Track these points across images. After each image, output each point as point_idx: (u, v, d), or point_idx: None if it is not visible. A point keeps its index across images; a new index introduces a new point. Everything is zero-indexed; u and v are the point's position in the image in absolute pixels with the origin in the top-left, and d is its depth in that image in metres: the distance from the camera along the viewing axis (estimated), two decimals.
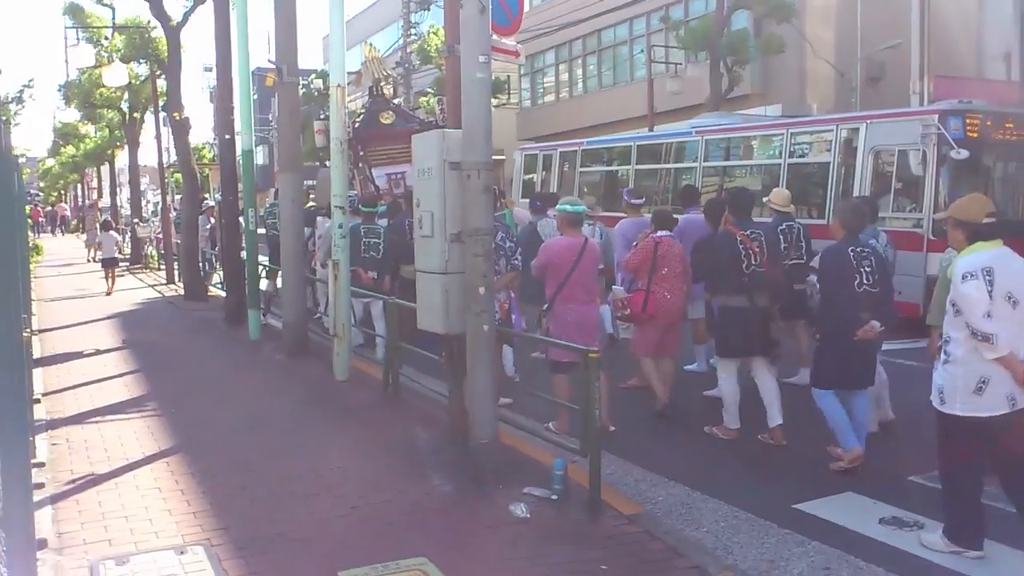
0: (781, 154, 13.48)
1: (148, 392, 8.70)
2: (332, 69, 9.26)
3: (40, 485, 5.50)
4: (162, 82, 20.76)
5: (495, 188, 7.71)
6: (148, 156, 32.81)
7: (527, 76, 34.06)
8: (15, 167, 6.01)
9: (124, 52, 21.27)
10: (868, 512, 5.18)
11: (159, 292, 18.15)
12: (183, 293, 16.80)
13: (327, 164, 10.64)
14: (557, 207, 7.19)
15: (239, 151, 12.42)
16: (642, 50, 27.22)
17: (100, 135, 33.38)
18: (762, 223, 7.76)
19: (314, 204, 13.57)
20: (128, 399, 8.37)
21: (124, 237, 29.21)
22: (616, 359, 7.87)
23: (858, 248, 5.95)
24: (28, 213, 22.61)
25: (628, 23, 28.41)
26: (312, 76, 33.78)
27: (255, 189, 12.21)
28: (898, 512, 5.12)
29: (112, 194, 34.94)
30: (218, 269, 18.24)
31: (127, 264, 25.00)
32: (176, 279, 19.01)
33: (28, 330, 6.67)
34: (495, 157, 6.00)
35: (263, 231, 13.46)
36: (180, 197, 22.26)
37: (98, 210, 32.95)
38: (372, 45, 17.32)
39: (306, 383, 8.99)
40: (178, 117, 17.08)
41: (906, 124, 11.46)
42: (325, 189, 12.46)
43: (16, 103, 23.77)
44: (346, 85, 9.29)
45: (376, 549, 4.56)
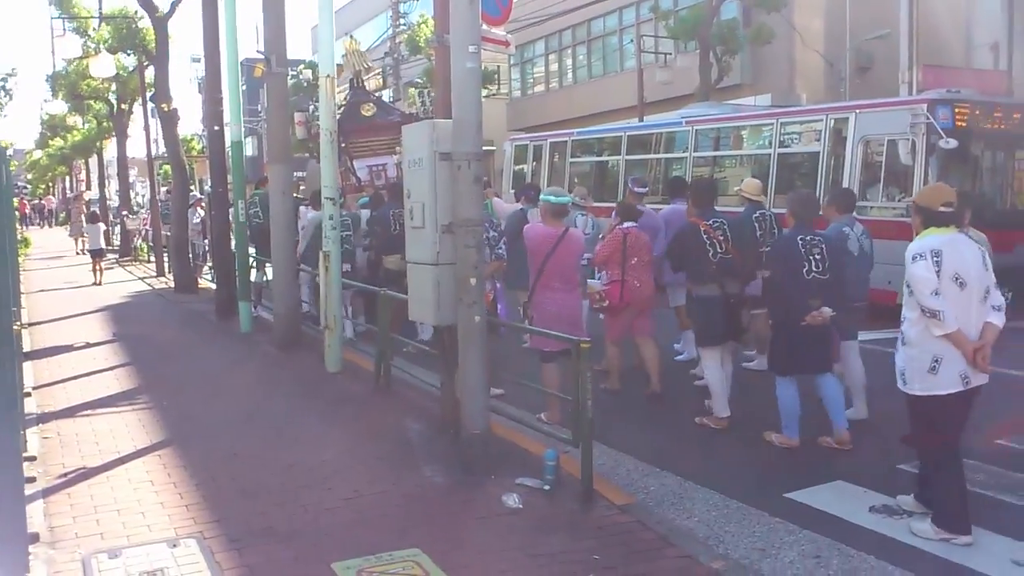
0: (771, 144, 13.50)
1: (139, 385, 8.68)
2: (321, 59, 9.23)
3: (32, 479, 5.49)
4: (150, 73, 20.62)
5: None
6: (137, 148, 32.68)
7: (517, 66, 33.98)
8: (2, 160, 5.97)
9: (111, 42, 21.09)
10: (858, 500, 5.22)
11: (149, 285, 18.09)
12: (173, 285, 16.75)
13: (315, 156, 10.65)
14: (541, 197, 7.31)
15: (228, 142, 12.37)
16: (632, 40, 27.18)
17: (88, 127, 33.13)
18: (734, 213, 7.91)
19: (299, 195, 13.54)
20: (119, 392, 8.35)
21: (113, 229, 29.09)
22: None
23: (808, 237, 6.13)
24: (16, 206, 22.51)
25: (618, 13, 28.36)
26: (301, 66, 33.66)
27: (245, 180, 12.15)
28: (888, 500, 5.16)
29: (101, 186, 34.73)
30: (204, 260, 18.25)
31: (116, 257, 24.90)
32: (166, 271, 18.95)
33: (18, 323, 6.63)
34: (485, 148, 5.98)
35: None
36: (165, 189, 22.20)
37: (84, 202, 32.75)
38: (353, 38, 17.34)
39: (298, 375, 8.99)
40: (166, 108, 16.98)
41: (895, 114, 11.49)
42: (315, 180, 12.49)
43: (2, 92, 23.60)
44: (342, 68, 9.27)
45: (369, 540, 4.57)
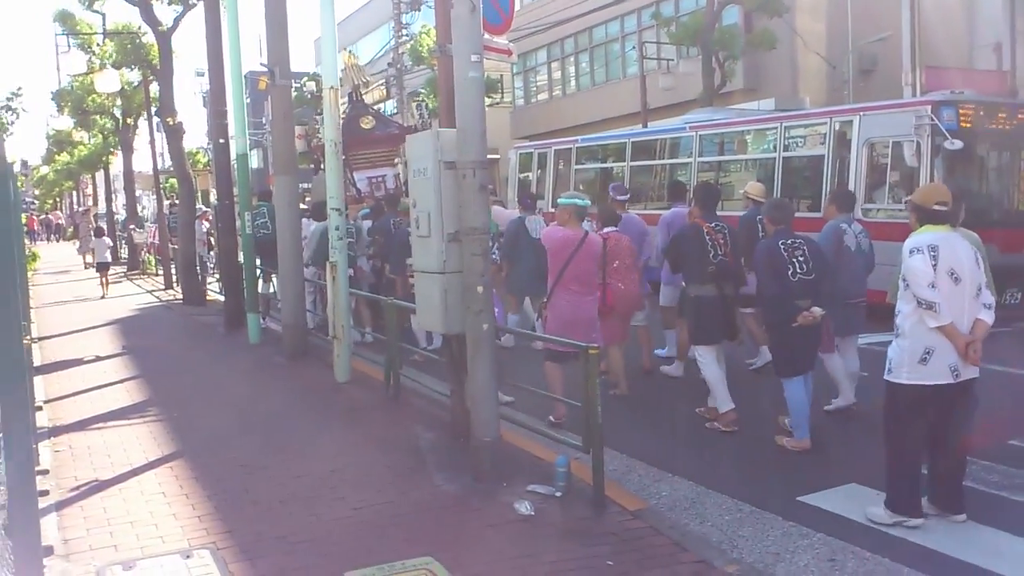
0: (775, 148, 13.51)
1: (149, 397, 8.70)
2: (325, 71, 9.26)
3: (45, 492, 5.50)
4: (154, 87, 20.72)
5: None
6: (143, 162, 32.79)
7: (520, 75, 34.07)
8: (11, 176, 6.00)
9: (116, 58, 21.19)
10: (872, 503, 5.18)
11: (157, 298, 18.14)
12: (181, 298, 16.80)
13: (323, 168, 10.72)
14: (561, 200, 7.38)
15: (233, 155, 12.42)
16: (633, 47, 27.25)
17: (94, 142, 33.25)
18: (734, 218, 8.11)
19: (304, 206, 13.64)
20: (129, 404, 8.37)
21: (120, 243, 29.18)
22: None
23: (789, 240, 6.33)
24: (24, 221, 22.58)
25: (619, 20, 28.43)
26: (304, 79, 33.75)
27: (251, 193, 12.20)
28: None
29: (107, 200, 34.84)
30: (213, 273, 18.32)
31: (125, 270, 24.97)
32: (174, 284, 19.00)
33: (28, 337, 6.66)
34: (489, 156, 6.01)
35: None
36: (169, 202, 22.28)
37: (93, 216, 32.91)
38: (351, 52, 17.58)
39: (307, 385, 9.00)
40: (172, 122, 17.06)
41: (899, 116, 11.49)
42: (320, 192, 12.59)
43: (7, 111, 23.70)
44: (341, 83, 9.30)
45: (381, 549, 4.57)
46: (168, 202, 22.12)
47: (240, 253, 12.54)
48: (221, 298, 14.43)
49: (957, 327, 4.64)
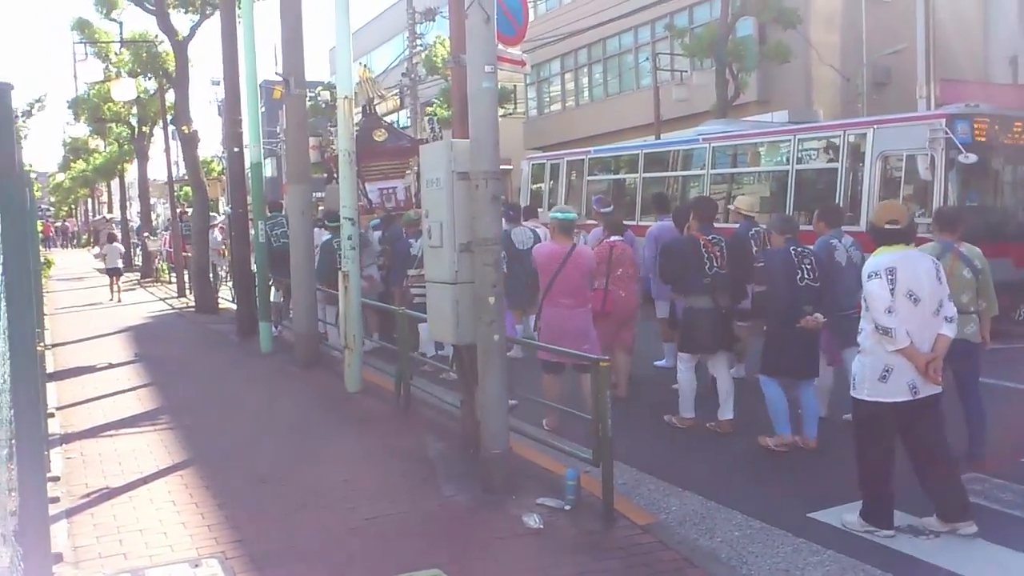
0: (789, 160, 13.47)
1: (161, 405, 8.73)
2: (339, 81, 9.30)
3: (55, 499, 5.53)
4: (170, 96, 20.88)
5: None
6: (157, 170, 33.00)
7: (533, 85, 34.13)
8: (28, 183, 6.05)
9: (132, 66, 21.40)
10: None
11: (170, 305, 18.22)
12: (194, 306, 16.86)
13: (336, 178, 10.76)
14: (550, 215, 7.63)
15: (247, 164, 12.47)
16: (647, 58, 27.27)
17: (109, 149, 33.55)
18: (728, 228, 8.32)
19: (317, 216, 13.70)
20: (141, 412, 8.40)
21: (135, 250, 29.37)
22: None
23: (798, 249, 6.66)
24: (40, 228, 22.81)
25: (633, 31, 28.46)
26: (319, 88, 33.93)
27: (264, 201, 12.25)
28: (913, 520, 5.08)
29: (122, 208, 35.10)
30: (225, 281, 18.40)
31: (138, 278, 25.11)
32: (187, 292, 19.08)
33: (41, 344, 6.69)
34: (502, 167, 6.02)
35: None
36: (179, 210, 22.40)
37: (113, 223, 33.28)
38: (365, 66, 17.80)
39: (318, 395, 9.01)
40: (187, 130, 17.18)
41: (914, 128, 11.44)
42: (333, 201, 12.64)
43: (25, 117, 23.95)
44: (355, 95, 9.33)
45: (390, 560, 4.57)
46: (179, 210, 22.24)
47: (252, 262, 12.58)
48: (233, 306, 14.48)
49: (917, 347, 4.71)
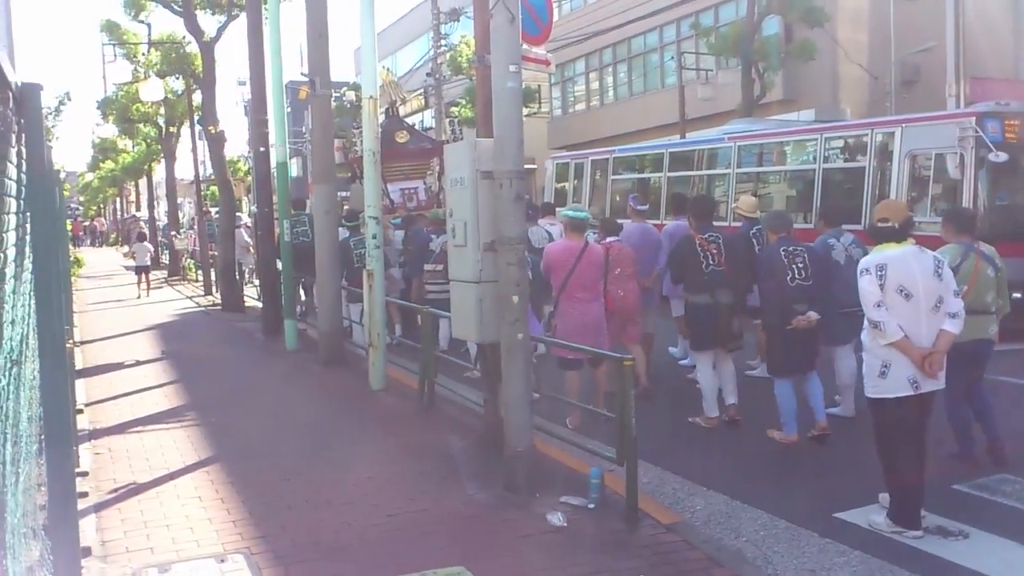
0: (815, 159, 13.36)
1: (187, 402, 8.80)
2: (364, 81, 9.34)
3: (84, 494, 5.59)
4: (197, 96, 21.07)
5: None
6: (184, 169, 33.33)
7: (558, 85, 34.10)
8: (57, 183, 6.12)
9: (160, 67, 21.62)
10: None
11: (197, 303, 18.38)
12: (220, 304, 17.00)
13: (360, 179, 10.86)
14: (561, 213, 7.86)
15: (273, 163, 12.56)
16: (672, 57, 27.15)
17: (138, 149, 33.90)
18: (734, 227, 8.37)
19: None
20: (168, 409, 8.48)
21: (162, 248, 29.68)
22: None
23: (790, 248, 6.73)
24: (69, 227, 23.14)
25: (658, 30, 28.35)
26: (344, 88, 34.08)
27: (289, 201, 12.34)
28: (942, 521, 5.03)
29: (150, 207, 35.46)
30: (249, 280, 18.54)
31: (165, 276, 25.35)
32: (213, 290, 19.24)
33: (71, 341, 6.77)
34: (526, 166, 6.02)
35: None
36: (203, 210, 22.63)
37: (142, 222, 33.72)
38: (388, 69, 18.03)
39: (342, 392, 9.05)
40: (213, 130, 17.32)
41: (943, 127, 11.31)
42: (357, 201, 12.74)
43: (54, 115, 24.24)
44: (378, 97, 9.36)
45: (414, 558, 4.58)
46: (203, 209, 22.49)
47: (279, 260, 12.67)
48: (259, 305, 14.59)
49: (912, 341, 4.79)
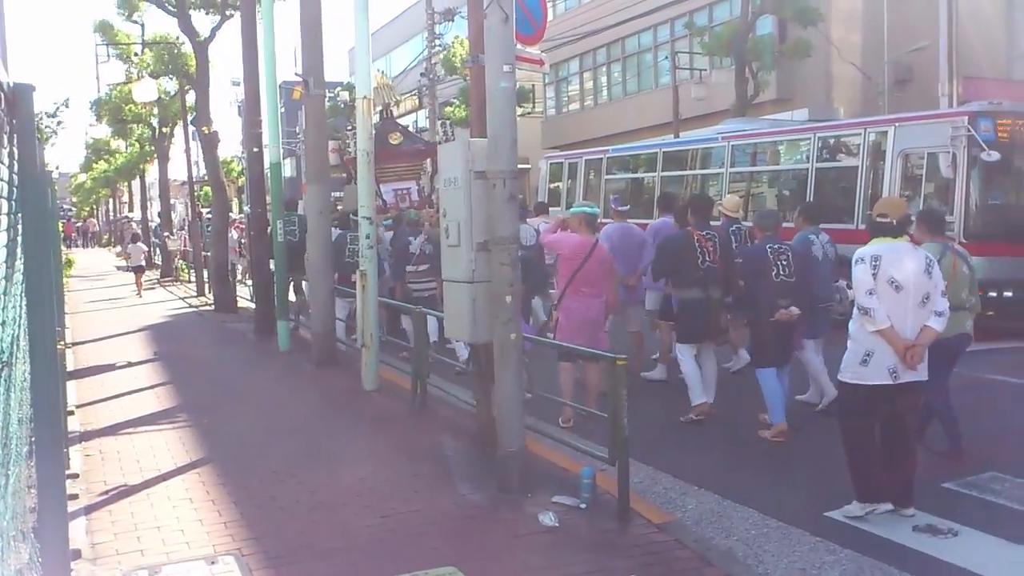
0: (808, 158, 13.40)
1: (179, 403, 8.78)
2: (358, 81, 9.32)
3: (74, 496, 5.57)
4: (191, 97, 21.01)
5: None
6: (178, 170, 33.31)
7: (551, 85, 34.11)
8: (48, 183, 6.10)
9: (153, 68, 21.55)
10: (901, 520, 5.11)
11: (189, 304, 18.34)
12: (213, 305, 16.97)
13: (354, 180, 10.87)
14: (573, 209, 8.02)
15: (267, 164, 12.55)
16: (666, 56, 27.16)
17: (131, 150, 33.82)
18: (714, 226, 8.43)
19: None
20: (159, 410, 8.46)
21: (155, 249, 29.64)
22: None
23: (775, 246, 7.03)
24: (61, 228, 23.18)
25: (652, 30, 28.38)
26: (338, 89, 34.03)
27: (283, 201, 12.33)
28: (932, 519, 5.05)
29: (143, 208, 35.38)
30: (241, 280, 18.53)
31: (158, 277, 25.30)
32: (206, 291, 19.21)
33: (62, 343, 6.76)
34: (520, 166, 6.04)
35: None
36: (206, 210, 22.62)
37: (134, 223, 33.68)
38: (382, 72, 18.24)
39: (335, 393, 9.04)
40: (207, 131, 17.28)
41: (935, 126, 11.35)
42: (351, 201, 12.76)
43: (50, 117, 24.18)
44: (372, 97, 9.35)
45: (406, 558, 4.57)
46: (193, 210, 22.51)
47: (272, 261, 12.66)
48: (252, 305, 14.56)
49: (898, 332, 4.97)
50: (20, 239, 3.18)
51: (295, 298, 13.46)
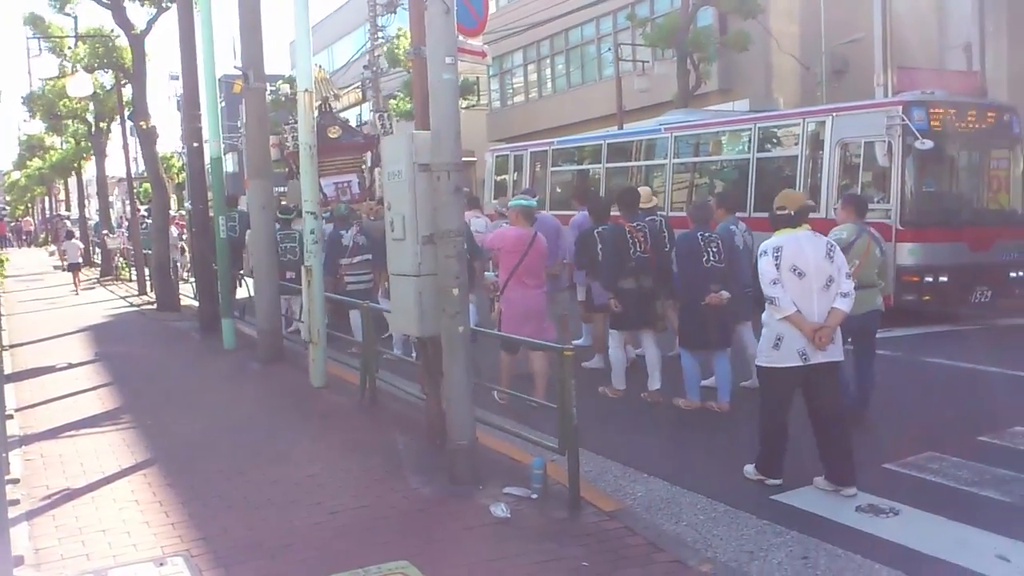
0: (750, 149, 13.59)
1: (123, 404, 8.62)
2: (299, 74, 9.23)
3: (15, 502, 5.45)
4: (127, 91, 20.57)
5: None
6: (116, 167, 32.59)
7: (496, 77, 34.08)
8: None
9: (88, 61, 21.00)
10: (844, 500, 5.24)
11: (131, 303, 17.97)
12: (155, 304, 16.65)
13: (297, 174, 10.79)
14: (511, 202, 8.26)
15: (208, 159, 12.34)
16: (609, 48, 27.32)
17: (66, 147, 32.99)
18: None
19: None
20: (103, 412, 8.29)
21: (94, 248, 28.99)
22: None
23: (705, 234, 7.44)
24: None
25: (595, 22, 28.51)
26: (279, 82, 33.60)
27: (225, 197, 12.16)
28: (873, 499, 5.19)
29: (80, 206, 34.52)
30: (186, 278, 18.23)
31: (98, 276, 24.75)
32: (148, 290, 18.85)
33: None
34: (466, 159, 6.05)
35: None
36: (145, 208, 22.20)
37: (67, 221, 32.86)
38: (320, 67, 18.43)
39: (282, 390, 8.95)
40: (145, 126, 16.93)
41: (871, 116, 11.60)
42: (295, 196, 12.63)
43: None
44: (313, 90, 9.25)
45: (357, 554, 4.56)
46: (132, 207, 22.10)
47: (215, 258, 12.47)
48: (195, 303, 14.33)
49: (805, 316, 5.28)
50: None
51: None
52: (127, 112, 21.33)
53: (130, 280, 22.40)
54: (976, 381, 8.21)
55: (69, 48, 22.29)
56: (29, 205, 60.63)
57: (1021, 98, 14.07)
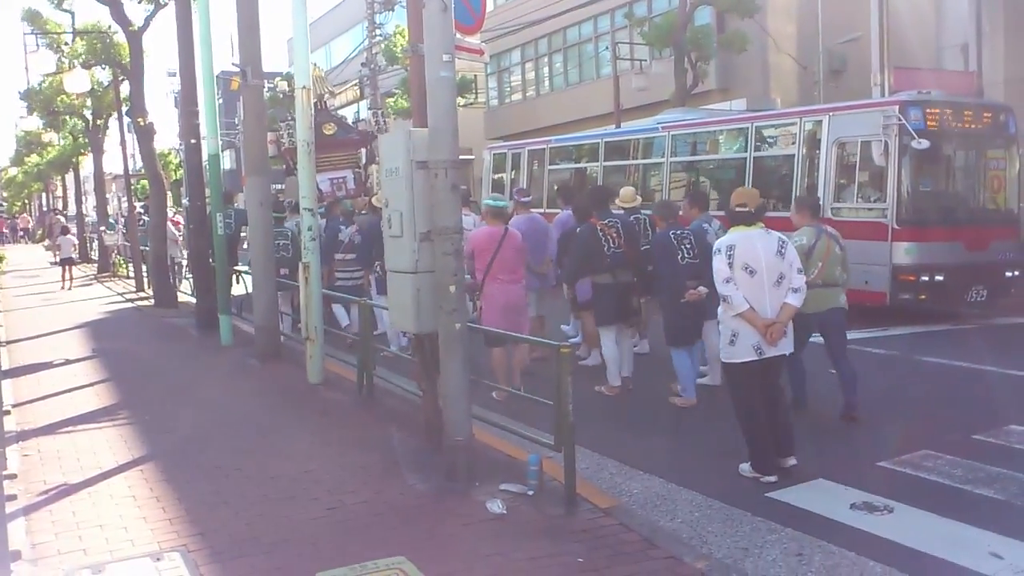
0: (747, 148, 13.62)
1: (120, 400, 8.62)
2: (297, 71, 9.23)
3: (12, 497, 5.44)
4: (125, 88, 20.53)
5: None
6: (113, 163, 32.57)
7: (494, 75, 34.07)
8: None
9: (85, 58, 20.96)
10: (839, 498, 5.27)
11: (129, 300, 17.95)
12: (153, 300, 16.65)
13: (295, 171, 10.84)
14: (483, 201, 8.62)
15: (205, 156, 12.35)
16: (607, 47, 27.32)
17: (64, 143, 32.92)
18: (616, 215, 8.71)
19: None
20: (100, 408, 8.30)
21: (91, 245, 28.95)
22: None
23: (678, 231, 7.62)
24: None
25: (593, 20, 28.50)
26: (277, 79, 33.56)
27: (222, 193, 12.15)
28: (868, 497, 5.21)
29: (77, 202, 34.47)
30: (185, 275, 18.22)
31: (95, 273, 24.72)
32: (145, 286, 18.84)
33: None
34: (463, 156, 6.05)
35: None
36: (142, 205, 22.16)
37: (61, 216, 32.85)
38: (316, 65, 18.54)
39: (280, 387, 8.96)
40: (142, 123, 16.91)
41: (868, 115, 11.63)
42: (293, 193, 12.65)
43: None
44: (311, 87, 9.25)
45: (354, 550, 4.57)
46: (126, 204, 22.09)
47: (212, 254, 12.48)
48: (193, 300, 14.33)
49: (757, 312, 5.49)
50: None
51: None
52: (125, 108, 21.27)
53: (127, 277, 22.39)
54: (971, 380, 8.24)
55: (67, 44, 22.23)
56: (26, 202, 60.53)
57: (1017, 98, 14.11)
